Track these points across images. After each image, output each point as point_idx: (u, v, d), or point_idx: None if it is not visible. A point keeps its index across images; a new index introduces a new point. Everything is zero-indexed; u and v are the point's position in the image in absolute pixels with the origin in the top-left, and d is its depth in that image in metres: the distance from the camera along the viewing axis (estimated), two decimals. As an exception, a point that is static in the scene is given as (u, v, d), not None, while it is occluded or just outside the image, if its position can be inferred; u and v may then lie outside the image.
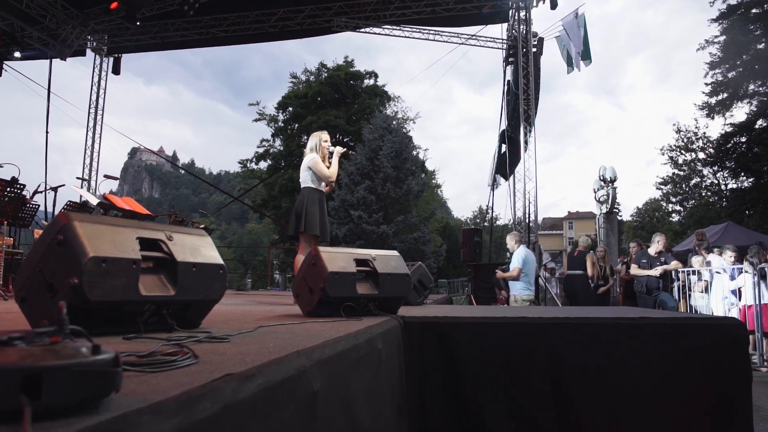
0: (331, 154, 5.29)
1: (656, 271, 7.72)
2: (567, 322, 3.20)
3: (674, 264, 7.91)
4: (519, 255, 7.66)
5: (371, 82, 39.01)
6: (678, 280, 8.03)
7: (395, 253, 3.57)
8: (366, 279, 3.31)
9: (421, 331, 3.32)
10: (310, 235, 5.03)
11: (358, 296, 3.21)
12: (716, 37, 28.69)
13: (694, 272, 8.04)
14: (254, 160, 40.95)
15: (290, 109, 38.91)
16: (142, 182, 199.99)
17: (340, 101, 37.43)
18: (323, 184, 5.26)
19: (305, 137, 38.82)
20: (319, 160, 5.17)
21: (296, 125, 38.47)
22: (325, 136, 5.33)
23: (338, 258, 3.22)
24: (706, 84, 28.41)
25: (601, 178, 11.79)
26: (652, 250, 8.04)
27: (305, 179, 5.22)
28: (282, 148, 39.00)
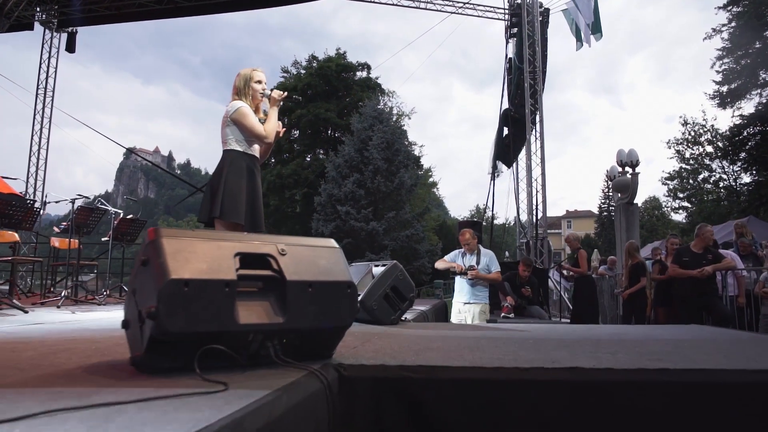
0: (269, 103, 3.63)
1: (703, 272, 6.09)
2: (674, 381, 1.55)
3: (726, 263, 6.27)
4: (493, 255, 5.83)
5: (364, 74, 37.34)
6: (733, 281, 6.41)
7: (329, 242, 1.90)
8: (261, 294, 1.66)
9: (376, 397, 1.70)
10: (231, 225, 3.37)
11: (241, 330, 1.57)
12: (724, 25, 27.21)
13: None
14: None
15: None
16: (137, 183, 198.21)
17: (331, 94, 35.71)
18: (255, 145, 3.58)
19: (295, 132, 37.24)
20: (248, 110, 3.47)
21: (285, 119, 36.82)
22: (258, 75, 3.60)
23: (198, 250, 1.57)
24: (717, 71, 26.87)
25: (620, 163, 10.14)
26: (697, 246, 6.42)
27: (226, 138, 3.51)
28: (271, 144, 37.28)
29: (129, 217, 6.36)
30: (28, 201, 5.12)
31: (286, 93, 3.62)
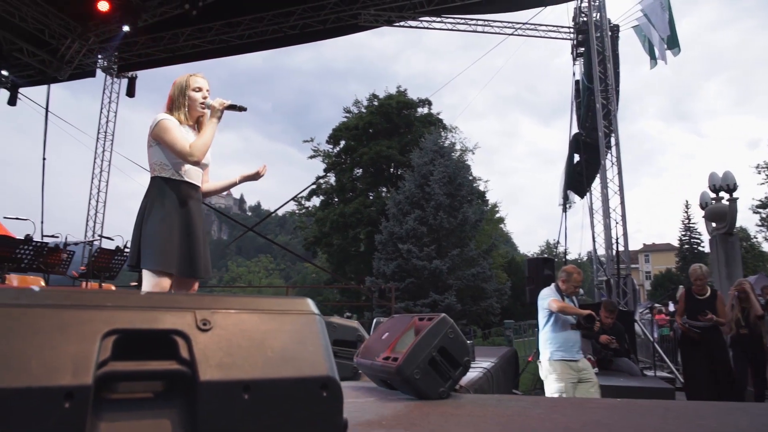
0: (211, 112, 2.80)
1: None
2: None
3: None
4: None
5: (425, 110, 36.98)
6: None
7: (298, 304, 1.13)
8: (155, 406, 0.92)
9: None
10: (158, 274, 2.56)
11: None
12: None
13: None
14: (307, 196, 39.59)
15: (342, 142, 37.45)
16: (211, 225, 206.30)
17: (393, 131, 35.48)
18: (187, 167, 2.76)
19: (357, 171, 37.16)
20: (171, 123, 2.68)
21: (348, 158, 36.87)
22: (196, 80, 2.83)
23: (30, 329, 0.84)
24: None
25: (713, 188, 8.87)
26: (829, 284, 5.19)
27: (150, 162, 2.76)
28: (334, 183, 37.44)
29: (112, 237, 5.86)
30: (34, 243, 4.71)
31: (229, 101, 2.81)
